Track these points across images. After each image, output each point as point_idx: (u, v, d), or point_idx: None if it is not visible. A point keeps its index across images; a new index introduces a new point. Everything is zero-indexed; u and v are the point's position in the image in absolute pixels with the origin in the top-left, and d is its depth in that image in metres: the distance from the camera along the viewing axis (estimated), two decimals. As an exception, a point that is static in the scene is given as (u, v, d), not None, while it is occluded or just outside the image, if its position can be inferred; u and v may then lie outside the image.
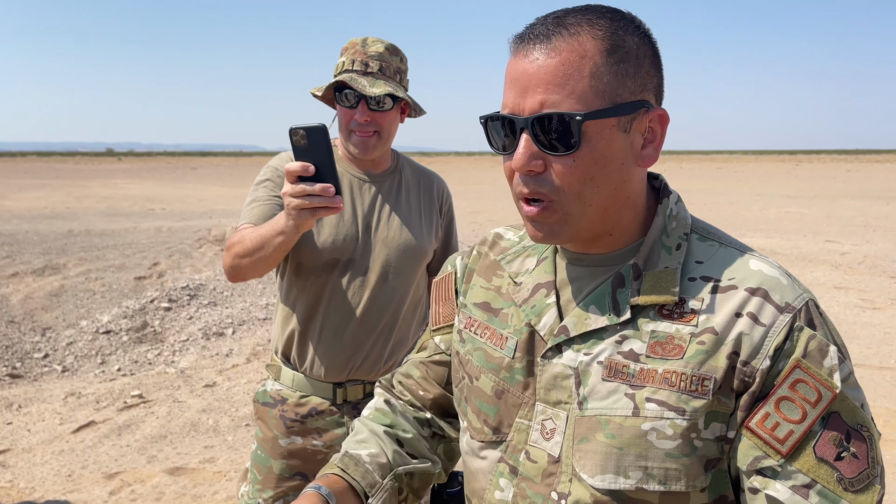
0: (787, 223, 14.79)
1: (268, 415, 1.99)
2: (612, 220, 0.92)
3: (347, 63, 1.89)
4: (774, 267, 0.90)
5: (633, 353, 0.88)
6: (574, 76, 0.84)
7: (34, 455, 4.05)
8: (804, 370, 0.83)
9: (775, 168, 51.52)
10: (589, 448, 0.89)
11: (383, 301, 1.93)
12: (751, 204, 19.39)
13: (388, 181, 2.02)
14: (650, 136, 0.90)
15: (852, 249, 10.55)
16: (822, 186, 28.01)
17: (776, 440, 0.83)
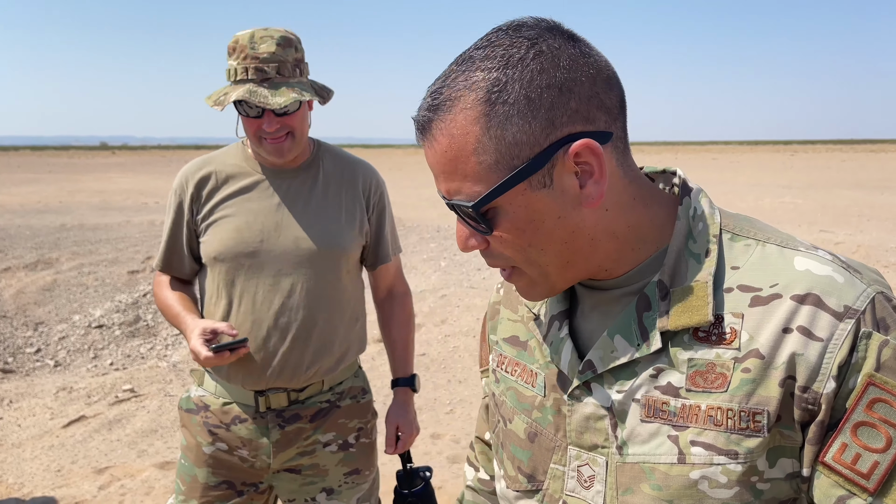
0: (781, 213, 14.80)
1: (191, 422, 1.92)
2: (590, 262, 0.81)
3: (240, 70, 1.73)
4: (826, 262, 0.75)
5: (671, 388, 0.77)
6: (460, 160, 0.76)
7: (24, 450, 4.03)
8: (881, 386, 0.70)
9: (771, 158, 51.56)
10: (635, 501, 0.79)
11: (297, 303, 1.82)
12: (746, 194, 19.40)
13: (303, 175, 1.89)
14: (587, 170, 0.75)
15: (846, 239, 10.56)
16: (816, 176, 28.04)
17: (860, 475, 0.70)
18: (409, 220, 13.05)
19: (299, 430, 1.88)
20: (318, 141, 1.97)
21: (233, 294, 1.83)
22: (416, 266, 9.25)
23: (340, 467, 1.93)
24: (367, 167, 2.01)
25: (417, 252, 10.20)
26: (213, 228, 1.84)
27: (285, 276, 1.82)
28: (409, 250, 10.32)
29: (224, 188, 1.85)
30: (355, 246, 1.91)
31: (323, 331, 1.85)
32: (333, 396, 1.93)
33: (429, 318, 6.59)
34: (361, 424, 1.98)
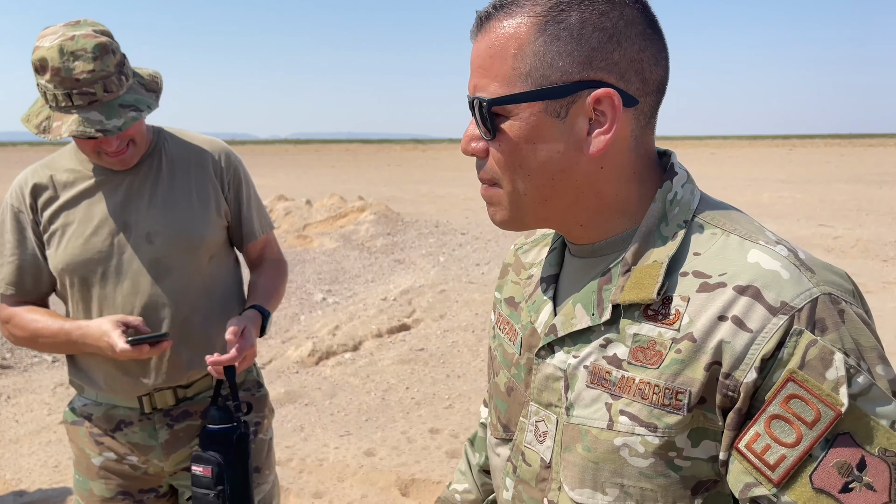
0: (780, 208, 14.79)
1: (77, 434, 1.82)
2: (570, 211, 0.85)
3: (60, 97, 1.54)
4: (779, 258, 0.77)
5: (616, 359, 0.81)
6: (498, 58, 0.80)
7: (21, 446, 4.02)
8: (800, 384, 0.71)
9: (769, 153, 51.54)
10: (570, 459, 0.84)
11: (162, 301, 1.71)
12: (744, 189, 19.39)
13: (146, 167, 1.75)
14: (599, 118, 0.79)
15: (845, 233, 10.56)
16: (815, 171, 28.03)
17: (767, 466, 0.72)
18: (408, 215, 13.04)
19: (190, 427, 1.80)
20: (157, 128, 1.82)
21: (91, 305, 1.72)
22: (414, 261, 9.24)
23: None
24: (216, 144, 1.86)
25: (416, 247, 10.18)
26: (57, 239, 1.71)
27: (143, 276, 1.70)
28: (407, 245, 10.32)
29: (63, 194, 1.72)
30: (214, 230, 1.79)
31: (196, 323, 1.75)
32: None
33: (427, 314, 6.58)
34: (258, 419, 1.89)
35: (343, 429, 4.19)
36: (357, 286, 8.04)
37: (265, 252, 1.98)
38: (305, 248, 10.39)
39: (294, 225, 11.94)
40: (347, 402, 4.61)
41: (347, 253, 9.87)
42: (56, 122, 1.56)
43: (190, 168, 1.79)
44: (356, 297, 7.49)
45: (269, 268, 1.98)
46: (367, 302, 7.14)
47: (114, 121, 1.55)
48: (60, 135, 1.54)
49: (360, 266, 9.10)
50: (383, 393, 4.76)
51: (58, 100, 1.55)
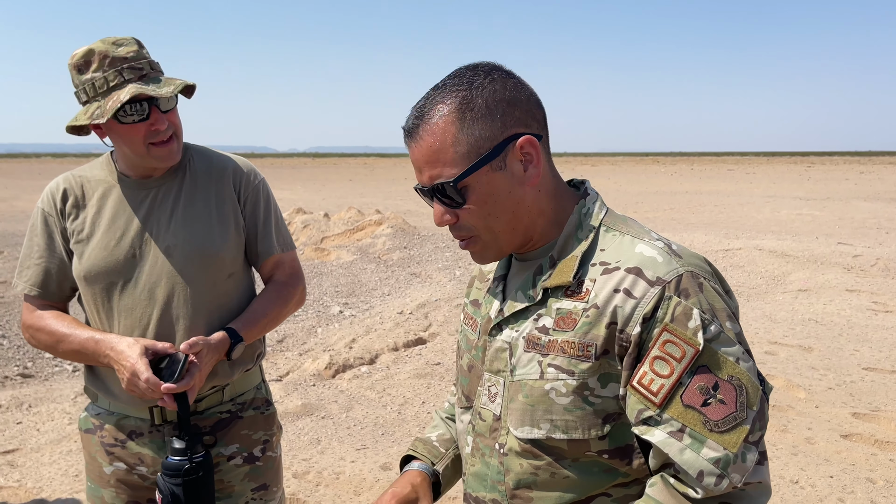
0: (798, 225, 14.67)
1: (90, 442, 1.85)
2: (528, 232, 1.14)
3: (111, 76, 1.62)
4: (656, 248, 1.07)
5: (544, 328, 1.09)
6: (441, 151, 1.07)
7: (42, 455, 4.07)
8: (671, 332, 1.00)
9: (787, 170, 51.18)
10: (513, 406, 1.12)
11: (177, 315, 1.74)
12: (762, 206, 19.26)
13: (169, 182, 1.80)
14: (528, 158, 1.09)
15: (865, 252, 10.45)
16: (834, 188, 27.79)
17: (651, 393, 1.00)
18: (425, 229, 13.08)
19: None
20: (185, 143, 1.86)
21: (110, 314, 1.75)
22: (431, 275, 9.26)
23: (247, 483, 1.86)
24: (238, 161, 1.90)
25: (433, 261, 10.21)
26: (82, 247, 1.75)
27: (160, 288, 1.73)
28: (424, 259, 10.35)
29: (91, 203, 1.77)
30: (231, 246, 1.81)
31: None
32: (235, 407, 1.86)
33: (444, 328, 6.59)
34: (267, 437, 1.91)
35: (360, 442, 4.20)
36: (374, 299, 8.08)
37: (275, 272, 1.93)
38: (323, 260, 10.44)
39: (312, 238, 12.01)
40: (364, 415, 4.63)
41: (364, 266, 9.91)
42: (111, 100, 1.61)
43: (211, 182, 1.82)
44: (373, 310, 7.52)
45: (269, 290, 1.91)
46: (383, 315, 7.16)
47: (167, 88, 1.63)
48: (120, 101, 1.59)
49: (377, 279, 9.14)
50: (399, 407, 4.78)
51: (108, 81, 1.62)
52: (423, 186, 1.12)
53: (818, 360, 5.60)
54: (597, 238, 1.12)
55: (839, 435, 4.19)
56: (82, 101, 1.68)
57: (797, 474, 3.69)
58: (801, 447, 4.04)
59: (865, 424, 4.35)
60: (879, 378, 5.17)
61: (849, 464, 3.82)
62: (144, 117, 1.65)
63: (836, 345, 6.01)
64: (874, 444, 4.09)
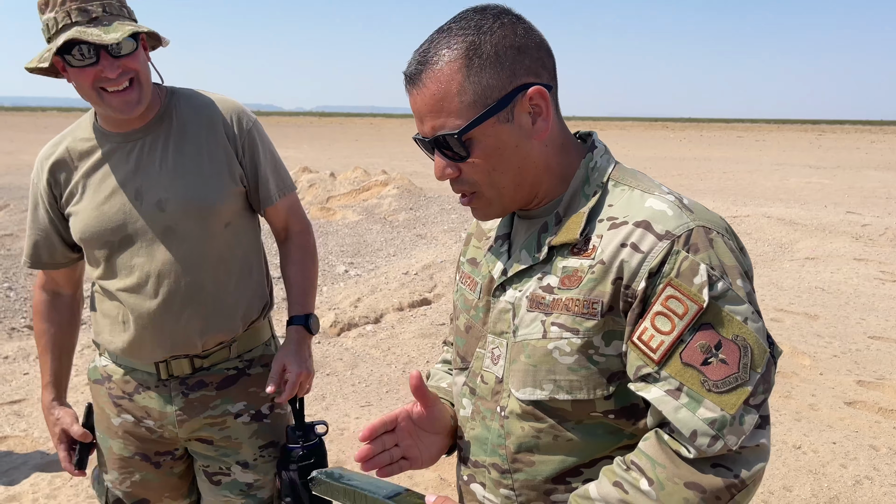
0: (807, 193, 14.57)
1: (99, 393, 1.86)
2: (534, 188, 1.08)
3: (61, 17, 1.54)
4: (666, 202, 1.01)
5: (549, 287, 1.04)
6: (445, 99, 1.01)
7: (49, 405, 4.10)
8: (675, 287, 0.95)
9: (798, 137, 50.71)
10: (516, 368, 1.07)
11: (176, 270, 1.70)
12: (771, 173, 19.11)
13: (155, 131, 1.71)
14: (537, 110, 1.03)
15: (873, 221, 10.38)
16: (845, 157, 27.54)
17: (651, 350, 0.96)
18: (431, 190, 13.02)
19: (204, 397, 1.80)
20: (171, 89, 1.77)
21: (110, 275, 1.73)
22: (436, 236, 9.24)
23: (255, 440, 1.84)
24: (229, 104, 1.79)
25: (438, 223, 10.18)
26: (75, 209, 1.72)
27: (156, 244, 1.69)
28: (429, 220, 10.32)
29: (79, 167, 1.73)
30: (228, 195, 1.74)
31: (211, 292, 1.73)
32: (242, 364, 1.84)
33: (449, 289, 6.59)
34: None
35: (364, 399, 4.23)
36: (379, 259, 8.07)
37: (289, 222, 1.92)
38: (328, 220, 10.43)
39: (318, 197, 11.97)
40: (368, 373, 4.65)
41: (370, 226, 9.90)
42: (56, 43, 1.54)
43: (201, 129, 1.73)
44: (378, 270, 7.52)
45: (296, 252, 1.92)
46: (388, 275, 7.16)
47: (113, 34, 1.52)
48: (56, 45, 1.51)
49: (383, 240, 9.13)
50: (404, 365, 4.80)
51: (58, 22, 1.54)
52: (424, 137, 1.05)
53: (824, 328, 5.59)
54: (605, 193, 1.06)
55: (843, 402, 4.19)
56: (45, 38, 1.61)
57: (800, 440, 3.70)
58: (805, 413, 4.04)
59: (870, 392, 4.35)
60: (885, 347, 5.16)
61: (852, 431, 3.83)
62: (93, 62, 1.55)
63: (842, 313, 5.99)
64: (878, 411, 4.09)
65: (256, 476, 1.86)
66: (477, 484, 1.16)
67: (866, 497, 3.18)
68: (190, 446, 1.87)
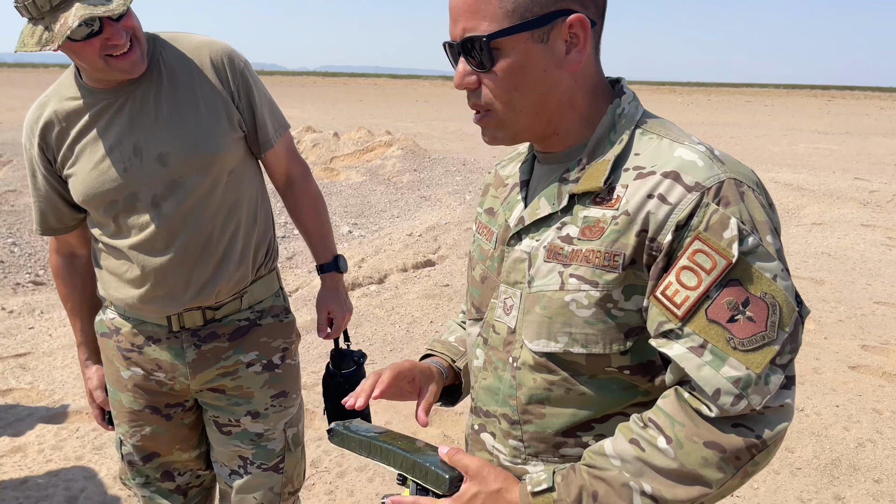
0: (815, 159, 14.44)
1: (107, 346, 1.85)
2: (552, 122, 1.03)
3: None
4: (697, 152, 0.96)
5: (568, 237, 1.00)
6: (485, 2, 0.95)
7: (54, 359, 4.12)
8: (703, 241, 0.91)
9: (807, 103, 50.14)
10: (530, 319, 1.04)
11: (185, 224, 1.68)
12: (779, 139, 18.92)
13: (144, 84, 1.64)
14: (574, 40, 0.97)
15: (881, 187, 10.30)
16: (854, 123, 27.25)
17: (675, 305, 0.92)
18: (435, 151, 12.93)
19: (217, 348, 1.79)
20: (152, 35, 1.70)
21: (117, 232, 1.70)
22: (440, 199, 9.20)
23: (266, 389, 1.85)
24: (217, 47, 1.72)
25: (443, 185, 10.13)
26: (72, 172, 1.68)
27: (163, 200, 1.66)
28: (434, 183, 10.26)
29: (70, 128, 1.67)
30: (230, 142, 1.70)
31: (221, 241, 1.73)
32: (253, 315, 1.84)
33: (453, 251, 6.57)
34: (286, 345, 1.90)
35: (368, 358, 4.22)
36: (383, 221, 8.04)
37: (289, 166, 1.91)
38: (332, 180, 10.37)
39: (321, 157, 11.89)
40: (372, 332, 4.65)
41: (374, 187, 9.84)
42: (58, 23, 1.45)
43: (193, 78, 1.67)
44: (382, 231, 7.50)
45: (304, 198, 1.96)
46: (392, 237, 7.14)
47: (118, 2, 1.47)
48: (69, 28, 1.43)
49: (387, 201, 9.08)
50: (408, 325, 4.80)
51: (51, 1, 1.45)
52: (453, 41, 1.00)
53: (829, 293, 5.57)
54: (631, 141, 1.01)
55: (847, 366, 4.20)
56: (24, 16, 1.52)
57: (803, 402, 3.71)
58: (808, 377, 4.05)
59: (874, 357, 4.35)
60: (891, 312, 5.15)
61: (855, 394, 3.83)
62: (97, 31, 1.49)
63: (848, 278, 5.97)
64: (882, 375, 4.10)
65: (266, 426, 1.87)
66: (487, 434, 1.15)
67: (868, 459, 3.20)
68: (201, 397, 1.87)
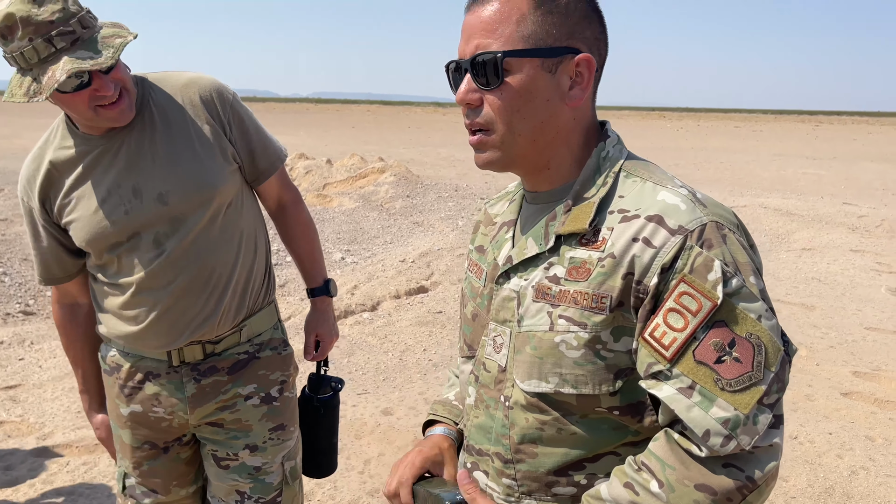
0: (804, 184, 14.57)
1: (108, 383, 1.86)
2: (546, 153, 1.06)
3: (40, 47, 1.45)
4: (679, 196, 0.99)
5: (555, 277, 1.03)
6: (503, 22, 1.00)
7: (45, 391, 4.09)
8: (688, 283, 0.93)
9: (795, 128, 50.67)
10: (521, 359, 1.06)
11: (187, 260, 1.69)
12: (768, 163, 19.10)
13: (137, 126, 1.66)
14: (578, 78, 1.03)
15: (870, 212, 10.39)
16: (842, 148, 27.54)
17: (663, 347, 0.94)
18: (428, 178, 12.98)
19: (216, 382, 1.80)
20: (140, 77, 1.71)
21: (119, 271, 1.71)
22: (433, 224, 9.22)
23: (265, 422, 1.85)
24: (203, 82, 1.73)
25: (435, 210, 10.16)
26: (73, 218, 1.68)
27: (166, 238, 1.67)
28: (426, 209, 10.29)
29: (68, 176, 1.67)
30: (227, 175, 1.72)
31: (223, 274, 1.74)
32: (252, 348, 1.84)
33: (446, 276, 6.58)
34: (284, 377, 1.90)
35: (361, 387, 4.22)
36: (376, 247, 8.05)
37: (281, 193, 1.94)
38: (325, 207, 10.39)
39: (314, 184, 11.92)
40: (365, 361, 4.64)
41: (367, 213, 9.86)
42: (46, 75, 1.46)
43: (185, 116, 1.69)
44: (375, 257, 7.50)
45: (296, 225, 2.00)
46: (385, 263, 7.15)
47: (106, 53, 1.47)
48: (56, 81, 1.44)
49: (379, 227, 9.10)
50: (401, 353, 4.79)
51: (38, 52, 1.45)
52: (460, 59, 1.04)
53: (820, 319, 5.60)
54: (616, 183, 1.05)
55: (839, 393, 4.20)
56: (13, 66, 1.52)
57: (796, 430, 3.71)
58: (801, 404, 4.05)
59: (866, 383, 4.36)
60: (881, 338, 5.17)
61: (848, 421, 3.84)
62: (86, 83, 1.50)
63: (838, 304, 6.00)
64: (874, 402, 4.10)
65: (265, 459, 1.86)
66: (480, 472, 1.15)
67: (862, 487, 3.20)
68: (199, 432, 1.87)
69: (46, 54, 1.46)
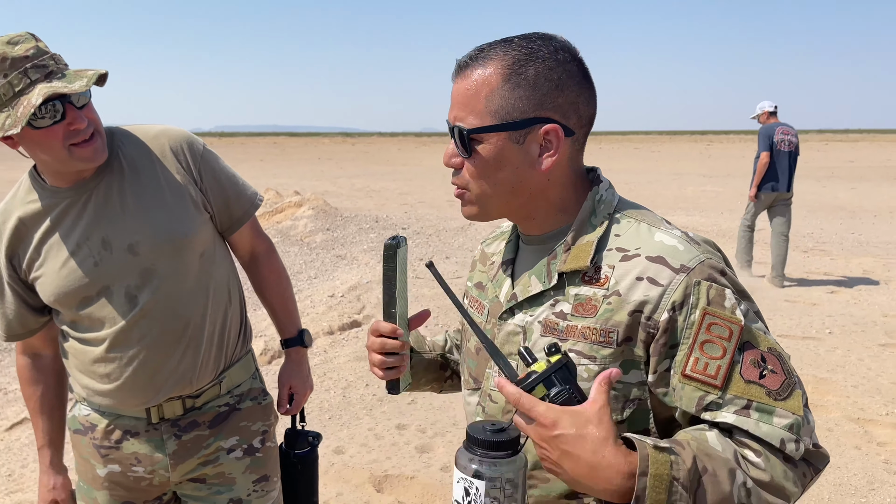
0: (704, 201, 15.37)
1: (81, 443, 1.80)
2: (524, 209, 1.15)
3: (15, 81, 1.46)
4: (675, 237, 1.08)
5: (562, 314, 1.10)
6: (474, 97, 1.08)
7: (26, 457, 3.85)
8: (712, 314, 1.01)
9: (689, 148, 53.33)
10: None
11: (161, 313, 1.66)
12: (669, 183, 20.04)
13: (106, 178, 1.65)
14: (547, 146, 1.09)
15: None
16: (734, 165, 29.19)
17: (710, 377, 1.00)
18: (346, 210, 12.96)
19: (198, 437, 1.78)
20: (109, 129, 1.72)
21: (90, 329, 1.68)
22: (356, 257, 9.21)
23: (248, 475, 1.85)
24: (173, 133, 1.74)
25: (357, 242, 10.15)
26: (40, 274, 1.66)
27: (138, 290, 1.65)
28: (348, 241, 10.26)
29: (36, 231, 1.65)
30: (198, 224, 1.71)
31: (197, 325, 1.72)
32: (232, 399, 1.83)
33: (377, 309, 6.58)
34: (265, 427, 1.90)
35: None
36: (300, 283, 7.97)
37: (254, 243, 1.94)
38: (244, 244, 10.19)
39: (230, 221, 11.69)
40: (308, 400, 4.58)
41: (287, 249, 9.75)
42: (20, 106, 1.46)
43: (154, 166, 1.68)
44: (301, 294, 7.42)
45: (269, 275, 1.99)
46: (313, 299, 7.09)
47: (80, 82, 1.49)
48: (33, 106, 1.44)
49: (302, 262, 9.01)
50: (343, 391, 4.76)
51: (13, 85, 1.46)
52: (448, 122, 1.13)
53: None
54: (611, 224, 1.13)
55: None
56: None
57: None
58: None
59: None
60: (792, 344, 5.53)
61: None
62: (60, 118, 1.50)
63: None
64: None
65: None
66: None
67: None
68: (181, 489, 1.84)
69: (21, 87, 1.47)
